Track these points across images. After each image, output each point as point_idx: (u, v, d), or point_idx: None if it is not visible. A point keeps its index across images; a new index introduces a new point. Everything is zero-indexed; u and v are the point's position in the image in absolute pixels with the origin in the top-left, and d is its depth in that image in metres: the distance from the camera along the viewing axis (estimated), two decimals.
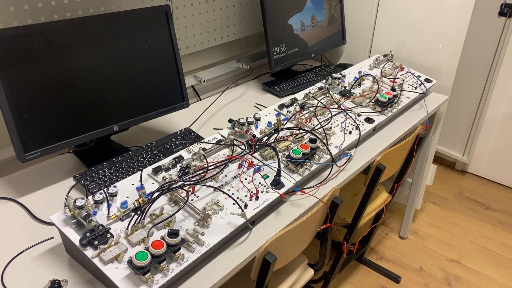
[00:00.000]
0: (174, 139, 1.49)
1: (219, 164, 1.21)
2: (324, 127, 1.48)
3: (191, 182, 1.14)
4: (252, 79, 2.13)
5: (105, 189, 1.07)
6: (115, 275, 0.91)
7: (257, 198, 1.16)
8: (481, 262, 2.29)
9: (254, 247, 1.08)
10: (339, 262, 1.75)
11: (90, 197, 1.04)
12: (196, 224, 1.05)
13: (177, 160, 1.23)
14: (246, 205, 1.13)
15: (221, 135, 1.38)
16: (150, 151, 1.41)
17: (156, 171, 1.18)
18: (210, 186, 1.16)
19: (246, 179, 1.22)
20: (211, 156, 1.29)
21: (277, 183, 1.22)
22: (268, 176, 1.24)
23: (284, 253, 1.22)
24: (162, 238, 0.94)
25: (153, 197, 1.07)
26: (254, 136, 1.37)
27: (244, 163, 1.26)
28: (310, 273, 1.50)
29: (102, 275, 0.93)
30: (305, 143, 1.33)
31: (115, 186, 1.09)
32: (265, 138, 1.37)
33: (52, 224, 1.12)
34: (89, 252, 0.94)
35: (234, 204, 1.13)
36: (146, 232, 0.99)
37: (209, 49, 2.02)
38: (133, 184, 1.14)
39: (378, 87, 1.78)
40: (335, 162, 1.41)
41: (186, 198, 1.11)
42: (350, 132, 1.52)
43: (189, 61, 1.94)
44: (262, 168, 1.26)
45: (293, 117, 1.53)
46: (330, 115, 1.58)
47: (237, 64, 2.10)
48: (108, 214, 1.02)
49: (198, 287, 0.97)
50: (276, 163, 1.28)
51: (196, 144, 1.33)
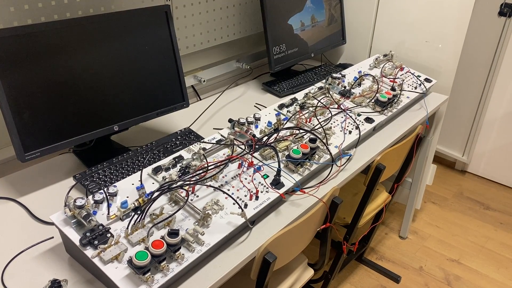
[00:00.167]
0: (174, 139, 1.49)
1: (219, 164, 1.22)
2: (324, 127, 1.48)
3: (191, 182, 1.14)
4: (252, 79, 2.13)
5: (105, 189, 1.07)
6: (115, 275, 0.91)
7: (257, 198, 1.16)
8: (481, 262, 2.29)
9: (254, 247, 1.08)
10: (339, 262, 1.75)
11: (90, 197, 1.04)
12: (196, 224, 1.05)
13: (177, 160, 1.23)
14: (246, 205, 1.13)
15: (221, 135, 1.38)
16: (150, 151, 1.41)
17: (156, 171, 1.18)
18: (210, 186, 1.16)
19: (246, 179, 1.22)
20: (211, 156, 1.29)
21: (277, 183, 1.22)
22: (268, 176, 1.24)
23: (284, 253, 1.22)
24: (162, 238, 0.94)
25: (153, 197, 1.07)
26: (254, 136, 1.37)
27: (244, 163, 1.26)
28: (310, 273, 1.50)
29: (102, 275, 0.93)
30: (305, 143, 1.33)
31: (115, 186, 1.09)
32: (265, 138, 1.37)
33: (52, 224, 1.12)
34: (89, 252, 0.94)
35: (234, 204, 1.13)
36: (146, 232, 0.99)
37: (209, 49, 2.02)
38: (133, 184, 1.14)
39: (378, 87, 1.78)
40: (335, 162, 1.41)
41: (186, 198, 1.11)
42: (350, 132, 1.52)
43: (189, 61, 1.94)
44: (262, 168, 1.26)
45: (293, 117, 1.53)
46: (330, 115, 1.58)
47: (237, 64, 2.10)
48: (108, 214, 1.02)
49: (198, 287, 0.97)
50: (276, 163, 1.28)
51: (196, 144, 1.33)
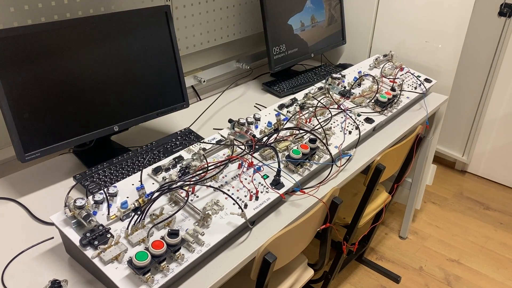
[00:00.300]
0: (174, 139, 1.49)
1: (219, 164, 1.22)
2: (324, 127, 1.48)
3: (191, 182, 1.14)
4: (252, 79, 2.13)
5: (105, 189, 1.07)
6: (115, 275, 0.91)
7: (257, 198, 1.16)
8: (481, 262, 2.29)
9: (254, 247, 1.08)
10: (339, 262, 1.75)
11: (90, 197, 1.04)
12: (196, 224, 1.05)
13: (177, 160, 1.23)
14: (246, 205, 1.13)
15: (221, 135, 1.38)
16: (150, 151, 1.41)
17: (156, 171, 1.18)
18: (210, 186, 1.16)
19: (246, 179, 1.22)
20: (211, 156, 1.29)
21: (277, 183, 1.22)
22: (268, 176, 1.24)
23: (284, 253, 1.22)
24: (162, 238, 0.95)
25: (153, 197, 1.07)
26: (254, 136, 1.37)
27: (244, 163, 1.26)
28: (310, 273, 1.50)
29: (102, 275, 0.93)
30: (305, 143, 1.33)
31: (115, 186, 1.09)
32: (265, 138, 1.37)
33: (52, 224, 1.12)
34: (89, 252, 0.94)
35: (234, 204, 1.13)
36: (146, 232, 0.99)
37: (209, 49, 2.02)
38: (133, 184, 1.14)
39: (378, 87, 1.78)
40: (335, 162, 1.41)
41: (186, 198, 1.11)
42: (350, 132, 1.52)
43: (189, 61, 1.94)
44: (262, 168, 1.26)
45: (293, 117, 1.53)
46: (330, 115, 1.58)
47: (237, 64, 2.10)
48: (108, 214, 1.02)
49: (198, 287, 0.97)
50: (276, 163, 1.28)
51: (196, 144, 1.33)
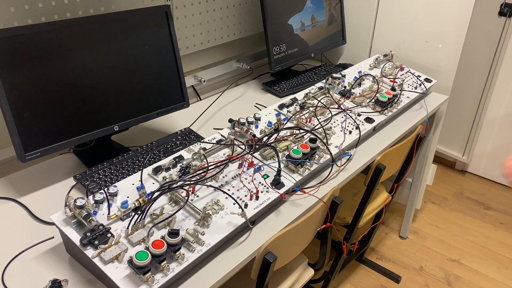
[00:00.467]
0: (174, 139, 1.49)
1: (219, 164, 1.22)
2: (324, 127, 1.48)
3: (191, 182, 1.14)
4: (252, 79, 2.13)
5: (106, 189, 1.07)
6: (116, 275, 0.91)
7: (257, 198, 1.16)
8: (481, 262, 2.29)
9: (254, 247, 1.08)
10: (339, 262, 1.75)
11: (91, 197, 1.04)
12: (196, 224, 1.05)
13: (177, 160, 1.23)
14: (246, 205, 1.13)
15: (221, 135, 1.38)
16: (150, 151, 1.41)
17: (156, 171, 1.18)
18: (210, 186, 1.16)
19: (246, 179, 1.22)
20: (211, 156, 1.29)
21: (277, 183, 1.22)
22: (268, 176, 1.24)
23: (284, 253, 1.22)
24: (163, 238, 0.95)
25: (154, 197, 1.07)
26: (254, 136, 1.37)
27: (244, 163, 1.26)
28: (310, 273, 1.50)
29: (103, 275, 0.93)
30: (305, 143, 1.33)
31: (116, 186, 1.09)
32: (265, 138, 1.37)
33: (53, 224, 1.12)
34: (90, 252, 0.94)
35: (234, 204, 1.13)
36: (147, 232, 0.99)
37: (209, 49, 2.02)
38: (134, 184, 1.14)
39: (378, 87, 1.78)
40: (335, 162, 1.41)
41: (186, 198, 1.11)
42: (350, 132, 1.52)
43: (189, 61, 1.94)
44: (262, 168, 1.26)
45: (293, 117, 1.53)
46: (330, 115, 1.58)
47: (237, 64, 2.10)
48: (109, 214, 1.02)
49: (198, 287, 0.97)
50: (276, 163, 1.28)
51: (196, 144, 1.33)
